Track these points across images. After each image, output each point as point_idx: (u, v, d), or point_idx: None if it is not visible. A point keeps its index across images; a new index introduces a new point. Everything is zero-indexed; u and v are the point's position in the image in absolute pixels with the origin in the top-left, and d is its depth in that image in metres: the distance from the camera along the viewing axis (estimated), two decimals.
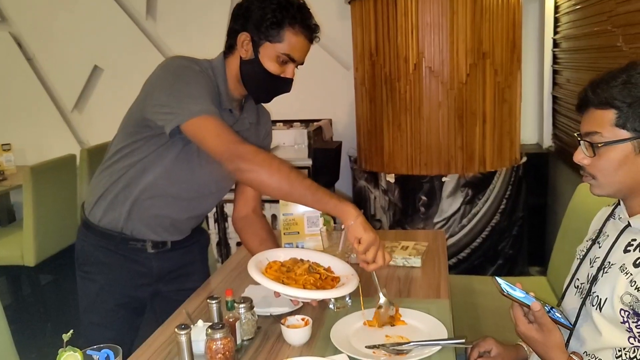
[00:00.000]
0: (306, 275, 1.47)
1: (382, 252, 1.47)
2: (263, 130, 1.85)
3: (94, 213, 1.75)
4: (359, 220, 1.44)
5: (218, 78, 1.64)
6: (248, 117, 1.76)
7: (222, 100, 1.65)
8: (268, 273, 1.49)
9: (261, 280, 1.43)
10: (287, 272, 1.50)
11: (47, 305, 3.52)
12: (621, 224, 1.27)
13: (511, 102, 3.30)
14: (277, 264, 1.54)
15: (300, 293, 1.42)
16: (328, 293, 1.45)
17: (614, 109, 1.15)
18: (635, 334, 1.15)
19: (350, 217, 1.44)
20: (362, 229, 1.44)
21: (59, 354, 0.98)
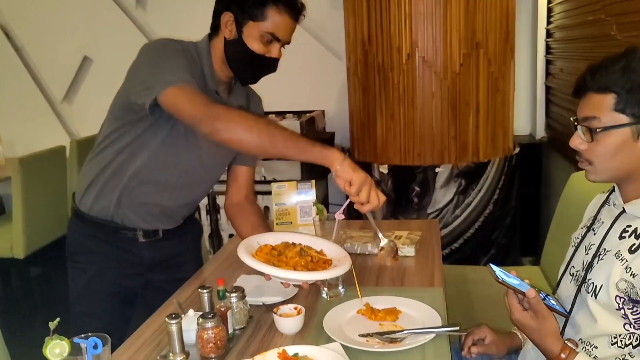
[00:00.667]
0: (297, 258, 1.45)
1: (375, 191, 1.43)
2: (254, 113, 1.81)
3: (84, 201, 1.72)
4: (346, 163, 1.41)
5: (203, 60, 1.61)
6: (236, 100, 1.73)
7: (207, 82, 1.62)
8: (258, 256, 1.47)
9: (251, 262, 1.40)
10: (278, 255, 1.47)
11: (36, 298, 3.49)
12: (616, 211, 1.26)
13: (504, 92, 3.29)
14: (267, 247, 1.51)
15: (291, 275, 1.40)
16: (320, 274, 1.42)
17: (613, 93, 1.14)
18: (630, 321, 1.14)
19: (337, 161, 1.41)
20: (350, 170, 1.40)
21: (45, 342, 0.95)
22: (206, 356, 1.28)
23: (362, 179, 1.41)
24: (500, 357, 1.48)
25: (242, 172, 1.86)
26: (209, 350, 1.28)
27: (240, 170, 1.86)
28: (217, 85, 1.65)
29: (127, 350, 1.35)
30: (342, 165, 1.41)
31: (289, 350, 1.20)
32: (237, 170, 1.86)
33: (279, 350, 1.20)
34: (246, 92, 1.79)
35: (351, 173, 1.41)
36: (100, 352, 0.97)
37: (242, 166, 1.85)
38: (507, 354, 1.49)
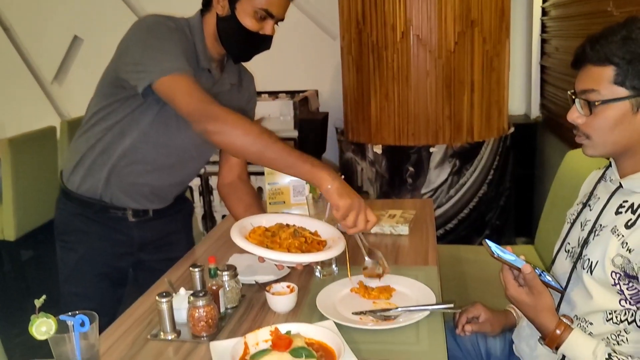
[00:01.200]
0: (291, 239, 1.43)
1: (364, 214, 1.39)
2: (246, 93, 1.78)
3: (72, 180, 1.69)
4: (335, 186, 1.37)
5: (195, 37, 1.58)
6: (229, 78, 1.69)
7: (200, 59, 1.59)
8: (251, 238, 1.45)
9: (244, 244, 1.39)
10: (272, 237, 1.45)
11: (28, 280, 3.47)
12: (612, 186, 1.24)
13: (499, 71, 3.26)
14: (261, 228, 1.49)
15: (284, 257, 1.38)
16: (313, 256, 1.40)
17: (613, 65, 1.11)
18: (626, 296, 1.13)
19: (325, 183, 1.37)
20: (336, 196, 1.36)
21: (31, 321, 0.93)
22: (197, 335, 1.27)
23: (348, 204, 1.36)
24: (494, 334, 1.47)
25: None
26: (201, 328, 1.26)
27: None
28: (210, 62, 1.61)
29: (117, 330, 1.33)
30: (330, 189, 1.36)
31: (281, 328, 1.18)
32: None
33: (271, 328, 1.18)
34: (238, 69, 1.75)
35: (337, 199, 1.36)
36: (87, 330, 0.95)
37: None
38: (501, 332, 1.48)
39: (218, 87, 1.64)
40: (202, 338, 1.26)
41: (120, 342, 1.27)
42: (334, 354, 1.11)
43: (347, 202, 1.37)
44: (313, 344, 1.15)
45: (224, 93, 1.66)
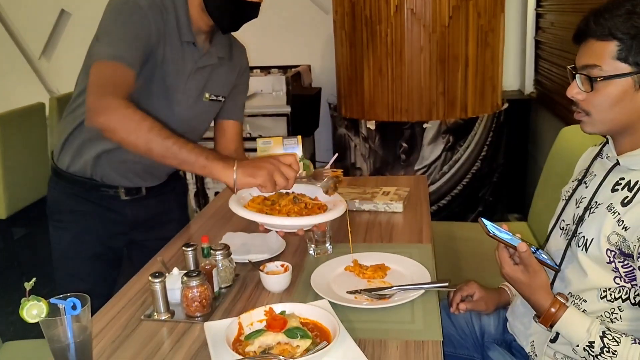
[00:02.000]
0: (290, 206, 1.41)
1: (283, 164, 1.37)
2: (237, 66, 1.74)
3: (62, 159, 1.67)
4: (239, 173, 1.34)
5: (179, 8, 1.52)
6: (217, 51, 1.65)
7: (182, 32, 1.54)
8: (250, 207, 1.42)
9: (243, 213, 1.37)
10: (272, 205, 1.43)
11: (21, 259, 3.45)
12: (609, 163, 1.23)
13: (494, 47, 3.22)
14: (260, 197, 1.47)
15: (285, 221, 1.36)
16: (313, 219, 1.38)
17: (616, 40, 1.09)
18: (621, 274, 1.13)
19: (227, 176, 1.34)
20: (249, 178, 1.34)
21: (22, 304, 0.92)
22: (191, 315, 1.26)
23: (266, 176, 1.35)
24: (488, 312, 1.47)
25: (230, 126, 1.80)
26: (194, 309, 1.26)
27: (228, 125, 1.80)
28: (196, 35, 1.57)
29: (110, 310, 1.32)
30: (237, 177, 1.34)
31: (275, 308, 1.17)
32: (224, 124, 1.80)
33: (266, 308, 1.17)
34: (229, 41, 1.71)
35: (253, 181, 1.35)
36: (79, 313, 0.94)
37: (229, 120, 1.79)
38: (495, 310, 1.48)
39: (205, 61, 1.60)
40: (196, 318, 1.26)
41: (113, 323, 1.26)
42: (329, 334, 1.10)
43: (263, 175, 1.35)
44: (308, 324, 1.14)
45: (213, 66, 1.63)
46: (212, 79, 1.65)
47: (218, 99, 1.70)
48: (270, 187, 1.37)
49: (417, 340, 1.14)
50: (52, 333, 0.95)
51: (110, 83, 1.39)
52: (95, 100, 1.38)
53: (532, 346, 1.28)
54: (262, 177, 1.35)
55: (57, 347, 0.96)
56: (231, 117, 1.80)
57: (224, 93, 1.71)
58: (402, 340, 1.14)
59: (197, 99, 1.63)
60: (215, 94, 1.68)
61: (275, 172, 1.36)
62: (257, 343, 1.07)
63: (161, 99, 1.56)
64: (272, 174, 1.36)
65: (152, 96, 1.54)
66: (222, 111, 1.77)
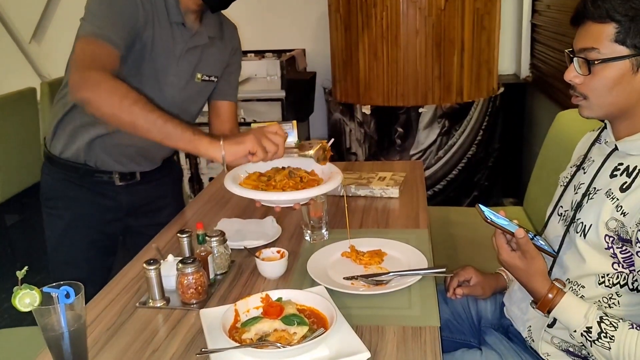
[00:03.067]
0: (286, 180, 1.38)
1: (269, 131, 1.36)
2: (229, 45, 1.71)
3: (55, 145, 1.65)
4: (226, 144, 1.31)
5: None
6: (208, 31, 1.61)
7: (170, 13, 1.51)
8: (246, 184, 1.40)
9: (237, 190, 1.35)
10: (267, 181, 1.40)
11: (14, 245, 3.42)
12: (607, 148, 1.22)
13: (490, 30, 3.20)
14: (255, 174, 1.45)
15: (280, 196, 1.33)
16: (309, 192, 1.35)
17: (614, 22, 1.07)
18: (619, 260, 1.12)
19: (214, 149, 1.31)
20: (238, 146, 1.31)
21: (14, 293, 0.90)
22: (187, 302, 1.25)
23: (254, 140, 1.32)
24: (485, 297, 1.47)
25: (224, 107, 1.78)
26: (190, 296, 1.25)
27: (222, 105, 1.78)
28: (185, 15, 1.53)
29: (105, 298, 1.31)
30: (225, 150, 1.31)
31: (272, 294, 1.17)
32: (218, 105, 1.78)
33: (262, 295, 1.16)
34: (219, 20, 1.67)
35: (242, 148, 1.32)
36: (72, 302, 0.92)
37: (222, 101, 1.77)
38: (492, 295, 1.48)
39: (195, 41, 1.58)
40: (192, 305, 1.25)
41: (108, 311, 1.25)
42: (326, 321, 1.10)
43: (251, 139, 1.32)
44: (305, 311, 1.13)
45: (203, 47, 1.60)
46: (204, 59, 1.63)
47: (210, 79, 1.67)
48: (260, 152, 1.33)
49: (414, 326, 1.13)
50: (46, 322, 0.94)
51: (93, 59, 1.36)
52: (78, 74, 1.35)
53: (529, 331, 1.28)
54: (250, 141, 1.32)
55: (50, 335, 0.95)
56: (225, 98, 1.77)
57: (217, 73, 1.69)
58: (399, 326, 1.14)
59: (189, 80, 1.61)
60: (208, 74, 1.65)
61: (263, 138, 1.34)
62: (253, 330, 1.06)
63: (153, 82, 1.53)
64: (259, 139, 1.33)
65: (143, 79, 1.52)
66: (216, 92, 1.75)
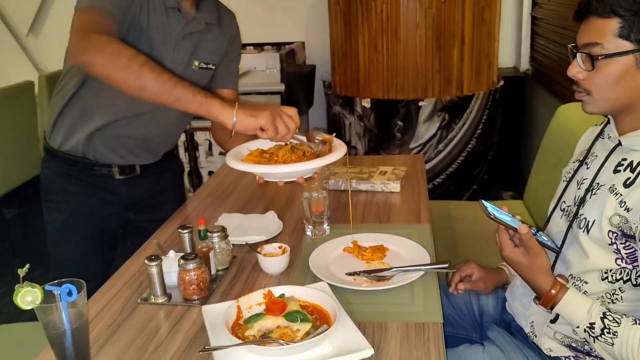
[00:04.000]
0: (288, 155, 1.37)
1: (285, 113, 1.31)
2: (227, 33, 1.70)
3: (54, 138, 1.64)
4: (240, 113, 1.26)
5: None
6: (204, 17, 1.59)
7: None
8: (248, 160, 1.39)
9: (239, 166, 1.33)
10: (270, 157, 1.39)
11: (13, 240, 3.41)
12: (611, 144, 1.21)
13: (490, 23, 3.18)
14: (257, 150, 1.43)
15: (282, 169, 1.32)
16: (312, 163, 1.32)
17: (618, 17, 1.06)
18: (623, 256, 1.12)
19: (227, 114, 1.26)
20: (251, 118, 1.27)
21: (16, 290, 0.90)
22: (189, 298, 1.25)
23: (269, 117, 1.28)
24: (487, 292, 1.47)
25: (225, 95, 1.76)
26: (192, 292, 1.24)
27: (223, 94, 1.76)
28: (181, 1, 1.51)
29: (106, 294, 1.30)
30: (238, 117, 1.26)
31: (274, 291, 1.16)
32: (218, 93, 1.76)
33: (265, 291, 1.16)
34: (217, 7, 1.65)
35: (254, 121, 1.27)
36: (75, 299, 0.92)
37: (223, 89, 1.76)
38: (493, 290, 1.47)
39: (191, 27, 1.56)
40: (194, 301, 1.24)
41: (109, 307, 1.25)
42: (329, 317, 1.09)
43: (266, 116, 1.28)
44: (307, 307, 1.13)
45: (200, 33, 1.58)
46: (201, 46, 1.61)
47: (208, 67, 1.66)
48: (272, 130, 1.29)
49: (417, 323, 1.13)
50: (48, 320, 0.93)
51: (94, 25, 1.32)
52: (80, 37, 1.30)
53: (532, 326, 1.28)
54: (265, 118, 1.27)
55: (53, 333, 0.94)
56: (225, 86, 1.76)
57: (214, 61, 1.67)
58: (402, 322, 1.13)
59: (186, 67, 1.59)
60: (205, 61, 1.64)
61: (278, 118, 1.30)
62: (256, 327, 1.06)
63: None
64: (275, 118, 1.29)
65: None
66: (216, 80, 1.74)
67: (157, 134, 1.69)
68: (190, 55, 1.59)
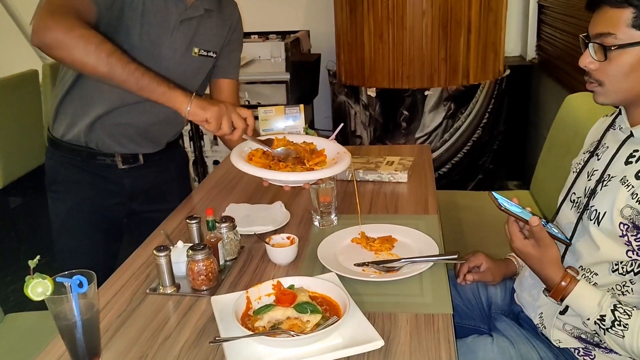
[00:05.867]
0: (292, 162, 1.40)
1: (236, 113, 1.41)
2: (229, 21, 1.68)
3: (57, 128, 1.63)
4: (194, 103, 1.36)
5: None
6: (204, 3, 1.58)
7: None
8: (253, 161, 1.40)
9: (246, 168, 1.36)
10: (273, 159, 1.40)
11: (18, 228, 3.43)
12: (622, 135, 1.20)
13: (497, 11, 3.16)
14: (259, 151, 1.44)
15: (288, 176, 1.35)
16: (318, 173, 1.37)
17: (632, 7, 1.05)
18: (634, 247, 1.11)
19: (183, 105, 1.36)
20: (200, 111, 1.36)
21: (26, 282, 0.90)
22: (197, 288, 1.25)
23: (216, 113, 1.37)
24: (495, 283, 1.47)
25: (225, 85, 1.76)
26: (200, 282, 1.24)
27: (223, 83, 1.76)
28: None
29: (115, 284, 1.30)
30: (191, 106, 1.35)
31: (283, 282, 1.16)
32: (219, 83, 1.76)
33: (274, 282, 1.16)
34: None
35: (202, 114, 1.36)
36: (86, 291, 0.92)
37: (224, 79, 1.75)
38: (502, 281, 1.47)
39: (190, 13, 1.54)
40: (203, 292, 1.24)
41: (118, 297, 1.25)
42: (339, 308, 1.09)
43: (213, 111, 1.37)
44: (317, 298, 1.13)
45: (199, 19, 1.57)
46: (200, 33, 1.59)
47: (209, 55, 1.64)
48: (214, 125, 1.38)
49: (427, 314, 1.13)
50: (58, 310, 0.93)
51: (67, 5, 1.30)
52: (48, 15, 1.27)
53: (541, 318, 1.28)
54: (211, 113, 1.37)
55: (63, 324, 0.94)
56: (226, 76, 1.75)
57: (215, 48, 1.66)
58: (411, 313, 1.13)
59: (184, 53, 1.58)
60: (205, 49, 1.62)
61: (225, 116, 1.39)
62: (266, 318, 1.06)
63: (146, 54, 1.50)
64: (221, 115, 1.38)
65: (135, 50, 1.47)
66: (217, 70, 1.73)
67: (157, 121, 1.66)
68: (189, 41, 1.58)
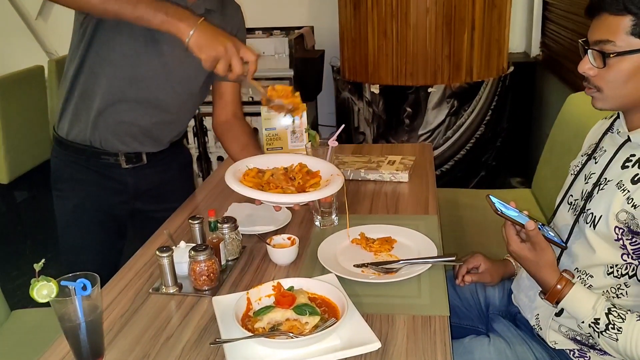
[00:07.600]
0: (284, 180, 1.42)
1: (237, 58, 1.35)
2: (230, 24, 1.67)
3: (61, 126, 1.65)
4: (193, 39, 1.30)
5: None
6: (205, 3, 1.58)
7: None
8: (246, 181, 1.42)
9: (239, 189, 1.36)
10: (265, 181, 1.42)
11: (24, 222, 3.46)
12: (620, 139, 1.21)
13: (501, 8, 3.15)
14: (254, 170, 1.46)
15: (279, 198, 1.36)
16: (308, 196, 1.38)
17: (631, 15, 1.06)
18: (629, 251, 1.13)
19: (183, 36, 1.29)
20: (196, 50, 1.31)
21: (31, 285, 0.92)
22: (199, 288, 1.27)
23: (211, 57, 1.32)
24: (493, 284, 1.48)
25: (227, 88, 1.77)
26: (202, 282, 1.26)
27: (224, 86, 1.77)
28: None
29: (118, 284, 1.33)
30: (189, 43, 1.30)
31: (283, 283, 1.18)
32: (220, 86, 1.77)
33: (274, 283, 1.18)
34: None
35: (198, 52, 1.31)
36: (90, 293, 0.94)
37: (225, 82, 1.76)
38: (500, 281, 1.49)
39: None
40: (205, 292, 1.26)
41: (122, 297, 1.27)
42: (338, 310, 1.11)
43: (210, 54, 1.32)
44: (316, 299, 1.15)
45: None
46: None
47: None
48: (208, 65, 1.34)
49: (424, 315, 1.15)
50: (63, 312, 0.96)
51: None
52: None
53: (537, 319, 1.30)
54: (207, 55, 1.32)
55: (68, 326, 0.97)
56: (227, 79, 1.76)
57: None
58: (409, 315, 1.15)
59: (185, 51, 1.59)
60: None
61: (223, 59, 1.34)
62: (266, 319, 1.08)
63: (148, 50, 1.52)
64: (218, 58, 1.33)
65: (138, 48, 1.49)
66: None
67: (160, 121, 1.67)
68: None
